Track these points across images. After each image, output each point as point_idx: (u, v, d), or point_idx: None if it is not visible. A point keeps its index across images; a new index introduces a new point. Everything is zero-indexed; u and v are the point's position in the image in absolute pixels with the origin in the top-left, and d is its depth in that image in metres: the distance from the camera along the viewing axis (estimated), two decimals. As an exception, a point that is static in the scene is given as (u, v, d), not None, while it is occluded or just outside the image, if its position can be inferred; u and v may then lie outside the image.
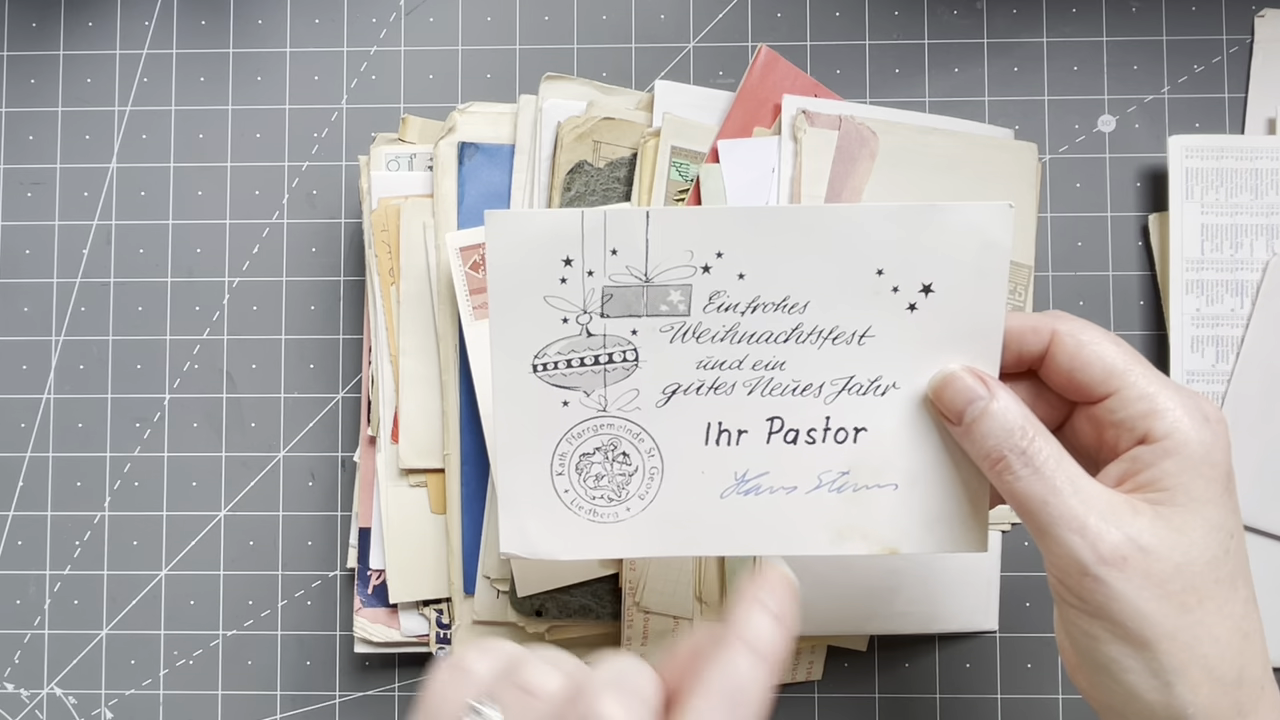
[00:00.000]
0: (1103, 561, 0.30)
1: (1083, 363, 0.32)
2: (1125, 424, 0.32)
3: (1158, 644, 0.30)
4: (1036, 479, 0.31)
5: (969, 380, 0.33)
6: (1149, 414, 0.31)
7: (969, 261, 0.34)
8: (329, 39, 0.53)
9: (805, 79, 0.50)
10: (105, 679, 0.51)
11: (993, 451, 0.32)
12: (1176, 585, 0.30)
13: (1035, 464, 0.31)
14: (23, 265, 0.53)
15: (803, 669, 0.50)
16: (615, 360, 0.36)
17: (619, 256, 0.35)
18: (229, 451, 0.52)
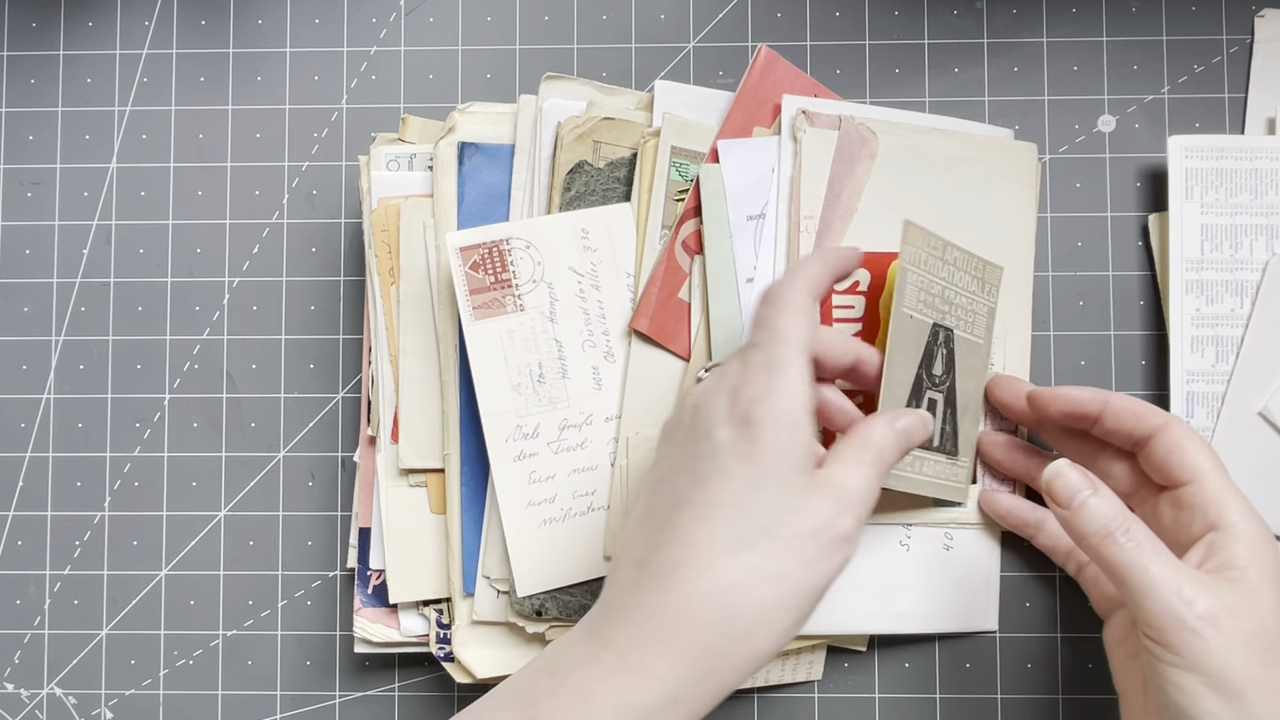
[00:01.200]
0: (1200, 618, 0.35)
1: (1180, 462, 0.40)
2: (1199, 512, 0.39)
3: (1248, 693, 0.35)
4: (1138, 550, 0.36)
5: (1075, 476, 0.38)
6: (1222, 507, 0.38)
7: None
8: (329, 39, 0.53)
9: (805, 79, 0.50)
10: (105, 679, 0.52)
11: (1100, 529, 0.37)
12: (1258, 644, 0.35)
13: (1136, 539, 0.37)
14: (23, 265, 0.53)
15: (803, 669, 0.50)
16: None
17: None
18: (229, 451, 0.52)
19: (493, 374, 0.47)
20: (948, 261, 0.44)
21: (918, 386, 0.43)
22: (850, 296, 0.48)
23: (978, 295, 0.46)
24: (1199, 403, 0.49)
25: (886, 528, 0.48)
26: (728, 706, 0.50)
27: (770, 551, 0.34)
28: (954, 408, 0.45)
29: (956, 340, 0.45)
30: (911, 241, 0.42)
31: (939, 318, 0.44)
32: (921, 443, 0.40)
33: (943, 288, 0.44)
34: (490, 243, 0.47)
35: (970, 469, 0.46)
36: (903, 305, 0.42)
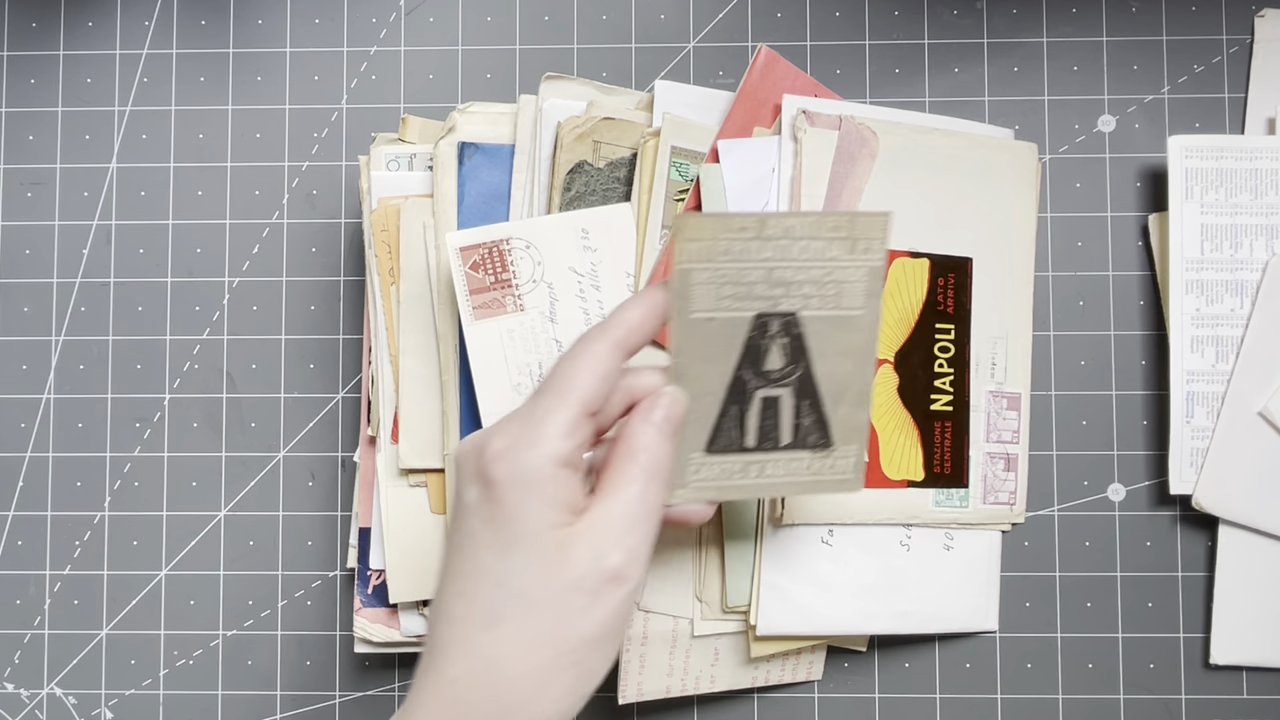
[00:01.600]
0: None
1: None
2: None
3: None
4: None
5: None
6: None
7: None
8: (329, 39, 0.53)
9: (805, 79, 0.50)
10: (105, 679, 0.52)
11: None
12: None
13: None
14: (23, 265, 0.53)
15: (803, 669, 0.50)
16: None
17: None
18: (229, 451, 0.52)
19: (493, 374, 0.47)
20: (772, 237, 0.38)
21: (738, 390, 0.39)
22: (850, 296, 0.48)
23: (842, 260, 0.39)
24: (1199, 403, 0.49)
25: (886, 528, 0.48)
26: (728, 706, 0.50)
27: (528, 617, 0.33)
28: (814, 397, 0.40)
29: (806, 322, 0.39)
30: (692, 236, 0.37)
31: (767, 305, 0.38)
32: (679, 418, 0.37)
33: (768, 270, 0.38)
34: (490, 243, 0.47)
35: (860, 455, 0.41)
36: (689, 311, 0.37)
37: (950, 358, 0.49)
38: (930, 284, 0.48)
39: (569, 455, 0.34)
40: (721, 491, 0.40)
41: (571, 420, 0.35)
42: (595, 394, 0.35)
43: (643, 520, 0.35)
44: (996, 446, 0.49)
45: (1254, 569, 0.49)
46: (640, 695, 0.48)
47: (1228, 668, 0.50)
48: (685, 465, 0.39)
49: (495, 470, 0.34)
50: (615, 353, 0.36)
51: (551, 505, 0.34)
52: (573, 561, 0.33)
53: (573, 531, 0.34)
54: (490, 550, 0.34)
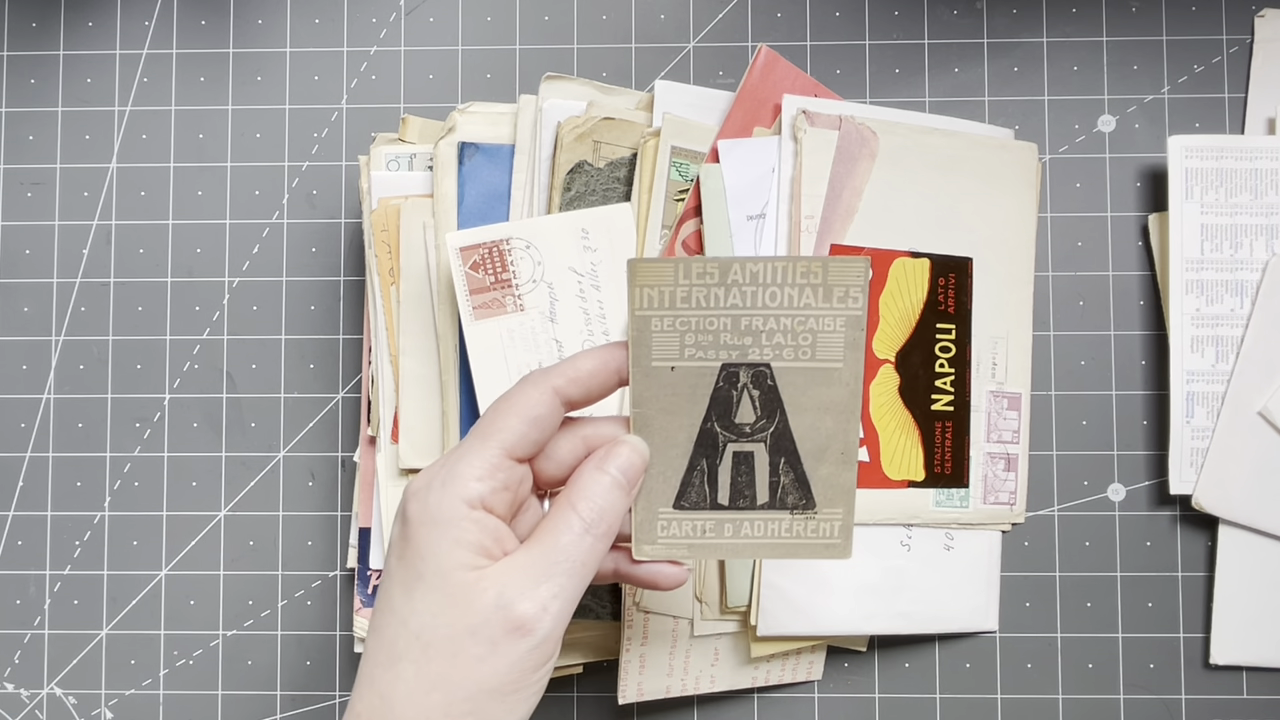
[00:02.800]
0: None
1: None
2: None
3: None
4: None
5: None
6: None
7: None
8: (329, 39, 0.53)
9: (805, 79, 0.50)
10: (105, 679, 0.52)
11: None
12: None
13: None
14: (23, 265, 0.53)
15: (803, 669, 0.50)
16: None
17: None
18: (229, 451, 0.52)
19: (493, 374, 0.47)
20: (737, 283, 0.35)
21: (707, 443, 0.37)
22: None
23: (816, 309, 0.36)
24: (1199, 403, 0.49)
25: (887, 528, 0.48)
26: (728, 706, 0.50)
27: (425, 659, 0.32)
28: (791, 455, 0.37)
29: (780, 374, 0.36)
30: (646, 282, 0.35)
31: (735, 355, 0.36)
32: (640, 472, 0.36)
33: (734, 318, 0.36)
34: (490, 243, 0.47)
35: (847, 519, 0.38)
36: (649, 359, 0.36)
37: (951, 358, 0.49)
38: (931, 284, 0.48)
39: (484, 497, 0.34)
40: (693, 550, 0.38)
41: (489, 463, 0.34)
42: (520, 437, 0.34)
43: (564, 573, 0.34)
44: (997, 446, 0.49)
45: (1254, 569, 0.49)
46: (640, 695, 0.48)
47: (1228, 668, 0.50)
48: (653, 521, 0.37)
49: (410, 508, 0.34)
50: (549, 399, 0.35)
51: (461, 546, 0.33)
52: (475, 607, 0.33)
53: (481, 575, 0.33)
54: (399, 587, 0.33)
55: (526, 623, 0.33)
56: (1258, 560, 0.49)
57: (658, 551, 0.38)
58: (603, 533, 0.35)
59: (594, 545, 0.34)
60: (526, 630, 0.33)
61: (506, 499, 0.35)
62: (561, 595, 0.33)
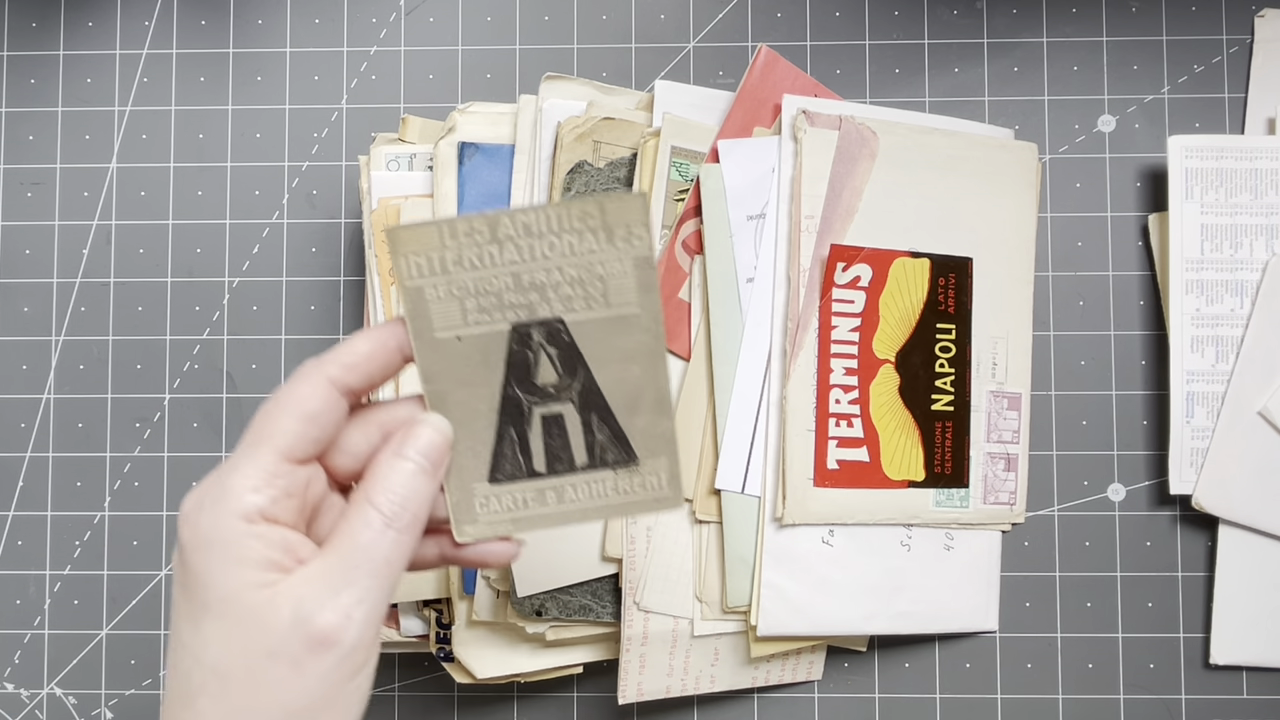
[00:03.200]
0: None
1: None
2: None
3: None
4: None
5: None
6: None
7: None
8: (329, 39, 0.53)
9: (805, 79, 0.50)
10: (105, 679, 0.51)
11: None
12: None
13: None
14: (23, 265, 0.53)
15: (803, 669, 0.50)
16: None
17: None
18: (229, 451, 0.52)
19: (493, 374, 0.47)
20: (510, 237, 0.33)
21: (512, 410, 0.35)
22: (851, 291, 0.48)
23: (601, 253, 0.34)
24: (1199, 403, 0.49)
25: (887, 528, 0.48)
26: (728, 706, 0.50)
27: (222, 692, 0.30)
28: (601, 410, 0.35)
29: (575, 327, 0.34)
30: (411, 249, 0.33)
31: (524, 314, 0.34)
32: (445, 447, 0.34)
33: (514, 274, 0.33)
34: (490, 243, 0.47)
35: (673, 468, 0.36)
36: (431, 331, 0.33)
37: (951, 358, 0.49)
38: (931, 284, 0.48)
39: (264, 508, 0.31)
40: (518, 524, 0.36)
41: (264, 471, 0.31)
42: (297, 438, 0.32)
43: (367, 572, 0.31)
44: (997, 446, 0.49)
45: (1254, 569, 0.49)
46: (640, 695, 0.48)
47: (1228, 668, 0.50)
48: (470, 499, 0.35)
49: (183, 534, 0.31)
50: (327, 390, 0.32)
51: (243, 565, 0.30)
52: (270, 626, 0.30)
53: (274, 592, 0.30)
54: (186, 620, 0.31)
55: (330, 634, 0.30)
56: (1258, 560, 0.49)
57: (480, 531, 0.35)
58: (406, 524, 0.32)
59: (398, 539, 0.32)
60: (330, 642, 0.30)
61: (293, 506, 0.32)
62: (366, 599, 0.30)
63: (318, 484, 0.33)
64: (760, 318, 0.48)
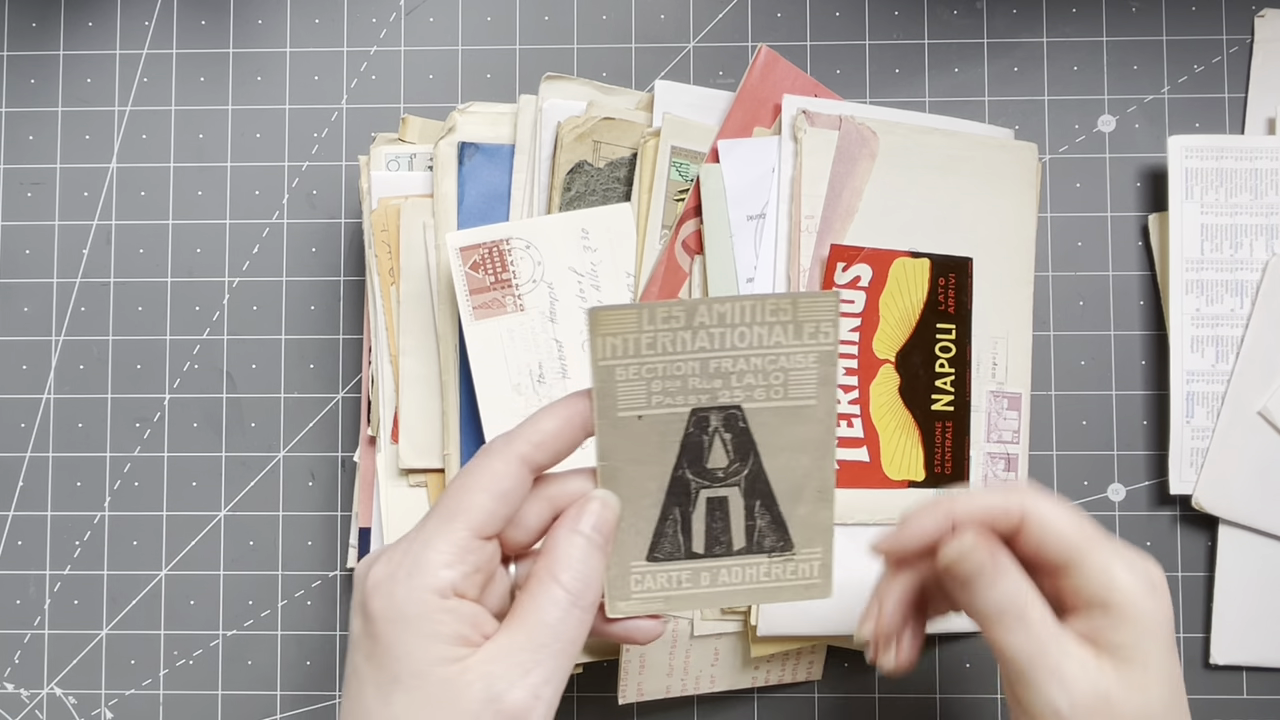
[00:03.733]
0: (1075, 709, 0.33)
1: (1049, 542, 0.35)
2: (1084, 593, 0.35)
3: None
4: (1028, 636, 0.34)
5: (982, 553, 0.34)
6: (1107, 588, 0.34)
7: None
8: (329, 39, 0.53)
9: (805, 79, 0.50)
10: (105, 679, 0.52)
11: (994, 613, 0.34)
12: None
13: (1027, 622, 0.34)
14: (23, 265, 0.53)
15: (803, 669, 0.50)
16: None
17: None
18: (229, 451, 0.52)
19: (493, 374, 0.47)
20: (704, 325, 0.34)
21: (679, 491, 0.35)
22: (851, 291, 0.48)
23: (787, 347, 0.35)
24: (1199, 403, 0.49)
25: (887, 528, 0.48)
26: (728, 706, 0.50)
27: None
28: (767, 497, 0.36)
29: (751, 415, 0.35)
30: (609, 330, 0.33)
31: (705, 399, 0.35)
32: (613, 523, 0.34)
33: (702, 361, 0.34)
34: (490, 243, 0.47)
35: (827, 557, 0.37)
36: (615, 410, 0.34)
37: (951, 357, 0.49)
38: (931, 284, 0.48)
39: (456, 584, 0.31)
40: (669, 603, 0.36)
41: (457, 547, 0.32)
42: (489, 515, 0.32)
43: (555, 652, 0.31)
44: (997, 446, 0.49)
45: (1254, 569, 0.49)
46: (640, 695, 0.48)
47: (1228, 668, 0.50)
48: (626, 576, 0.36)
49: (373, 604, 0.31)
50: (518, 469, 0.33)
51: (436, 640, 0.31)
52: (462, 703, 0.30)
53: (464, 667, 0.31)
54: (374, 689, 0.31)
55: (519, 713, 0.31)
56: (1258, 560, 0.49)
57: (633, 607, 0.36)
58: (589, 603, 0.33)
59: (581, 618, 0.32)
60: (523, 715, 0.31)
61: (478, 581, 0.32)
62: (553, 679, 0.31)
63: (495, 559, 0.34)
64: (760, 318, 0.47)
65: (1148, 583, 0.35)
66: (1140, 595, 0.34)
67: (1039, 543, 0.35)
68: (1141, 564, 0.35)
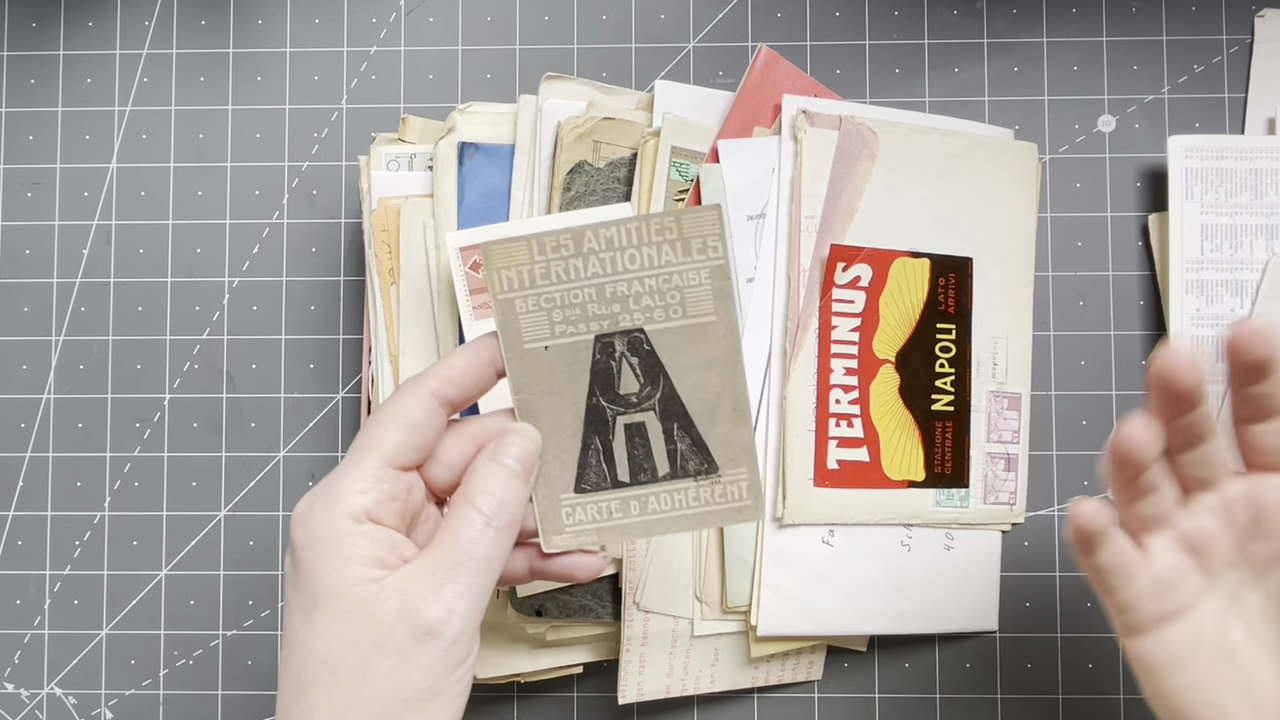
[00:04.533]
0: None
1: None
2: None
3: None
4: None
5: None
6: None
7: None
8: (329, 39, 0.53)
9: (805, 79, 0.50)
10: (105, 679, 0.52)
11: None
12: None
13: None
14: (23, 265, 0.53)
15: (803, 669, 0.50)
16: None
17: None
18: (229, 451, 0.52)
19: (493, 374, 0.47)
20: (594, 251, 0.35)
21: (596, 420, 0.36)
22: (851, 291, 0.48)
23: (678, 264, 0.35)
24: (1199, 403, 0.49)
25: (887, 528, 0.48)
26: (728, 706, 0.50)
27: (333, 682, 0.32)
28: (681, 419, 0.36)
29: (655, 336, 0.36)
30: (502, 263, 0.35)
31: (607, 324, 0.35)
32: (533, 453, 0.35)
33: (597, 286, 0.35)
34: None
35: (753, 477, 0.37)
36: (521, 343, 0.35)
37: (951, 358, 0.49)
38: (931, 284, 0.48)
39: (369, 510, 0.33)
40: (602, 534, 0.37)
41: (370, 475, 0.33)
42: (400, 446, 0.34)
43: (469, 569, 0.33)
44: (997, 446, 0.49)
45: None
46: (640, 695, 0.48)
47: (1228, 668, 0.50)
48: (557, 510, 0.36)
49: (295, 534, 0.33)
50: (426, 402, 0.34)
51: (352, 562, 0.32)
52: (378, 618, 0.32)
53: (381, 586, 0.32)
54: (299, 615, 0.33)
55: (434, 626, 0.32)
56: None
57: (567, 541, 0.37)
58: (505, 524, 0.34)
59: (497, 538, 0.34)
60: (435, 634, 0.32)
61: (395, 509, 0.34)
62: (468, 594, 0.33)
63: (417, 492, 0.35)
64: (760, 318, 0.48)
65: None
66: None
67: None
68: None
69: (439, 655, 0.32)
